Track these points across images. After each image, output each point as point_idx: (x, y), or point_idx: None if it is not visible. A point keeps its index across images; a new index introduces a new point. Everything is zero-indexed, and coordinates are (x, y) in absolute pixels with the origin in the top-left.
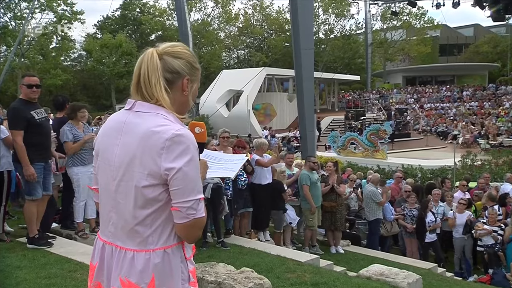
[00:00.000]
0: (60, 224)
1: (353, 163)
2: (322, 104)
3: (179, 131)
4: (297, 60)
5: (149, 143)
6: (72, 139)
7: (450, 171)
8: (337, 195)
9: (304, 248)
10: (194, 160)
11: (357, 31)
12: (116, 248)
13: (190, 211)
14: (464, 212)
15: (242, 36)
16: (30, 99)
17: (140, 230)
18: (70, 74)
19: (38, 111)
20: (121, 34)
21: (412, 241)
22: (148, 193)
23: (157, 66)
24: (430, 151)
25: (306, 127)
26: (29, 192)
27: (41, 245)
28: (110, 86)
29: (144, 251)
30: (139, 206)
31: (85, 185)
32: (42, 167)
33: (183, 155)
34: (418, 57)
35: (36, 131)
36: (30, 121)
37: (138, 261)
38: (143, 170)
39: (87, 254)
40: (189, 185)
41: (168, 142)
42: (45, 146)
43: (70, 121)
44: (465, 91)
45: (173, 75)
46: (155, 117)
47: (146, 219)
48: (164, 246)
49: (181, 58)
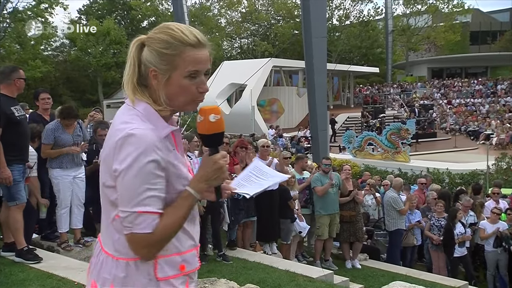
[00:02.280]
0: (40, 234)
1: (371, 166)
2: (335, 100)
3: (133, 131)
4: (307, 50)
5: (110, 141)
6: (51, 141)
7: (483, 176)
8: (356, 203)
9: (316, 262)
10: (135, 167)
11: (376, 16)
12: (100, 246)
13: (125, 223)
14: (497, 222)
15: (245, 22)
16: (12, 94)
17: (111, 231)
18: (51, 66)
19: (17, 108)
20: (109, 21)
21: (439, 255)
22: (110, 194)
23: (130, 56)
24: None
25: (318, 125)
26: (11, 197)
27: (29, 260)
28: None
29: (111, 256)
30: (109, 205)
31: (65, 191)
32: (22, 170)
33: (127, 157)
34: (445, 46)
35: (15, 129)
36: (10, 118)
37: (106, 266)
38: (107, 169)
39: (71, 268)
40: (124, 193)
41: (120, 141)
42: (24, 147)
43: (59, 120)
44: (500, 84)
45: (143, 66)
46: (126, 111)
47: (116, 220)
48: (127, 258)
49: (149, 45)
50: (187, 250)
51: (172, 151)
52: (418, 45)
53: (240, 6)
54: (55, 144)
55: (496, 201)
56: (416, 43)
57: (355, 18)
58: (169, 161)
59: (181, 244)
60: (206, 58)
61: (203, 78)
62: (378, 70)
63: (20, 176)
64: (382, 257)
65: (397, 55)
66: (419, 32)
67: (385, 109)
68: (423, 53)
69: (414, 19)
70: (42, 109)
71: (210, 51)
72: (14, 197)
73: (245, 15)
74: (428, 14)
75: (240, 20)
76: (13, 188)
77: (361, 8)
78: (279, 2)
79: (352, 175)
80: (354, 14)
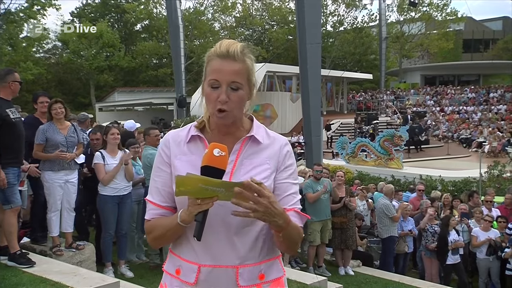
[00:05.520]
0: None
1: (364, 173)
2: (329, 106)
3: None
4: (302, 55)
5: None
6: (43, 141)
7: (475, 184)
8: (348, 210)
9: (309, 268)
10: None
11: (370, 23)
12: None
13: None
14: (489, 230)
15: (239, 27)
16: (7, 96)
17: None
18: (43, 68)
19: (13, 110)
20: (102, 23)
21: (432, 262)
22: None
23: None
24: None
25: (312, 131)
26: (6, 200)
27: (22, 264)
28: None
29: None
30: None
31: (55, 194)
32: (17, 173)
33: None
34: (439, 54)
35: (10, 132)
36: (5, 120)
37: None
38: None
39: (64, 273)
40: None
41: None
42: (19, 150)
43: (51, 121)
44: (492, 92)
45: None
46: None
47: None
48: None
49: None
50: (186, 259)
51: (187, 155)
52: (411, 52)
53: (234, 11)
54: (47, 144)
55: (489, 208)
56: (409, 50)
57: (349, 24)
58: (173, 161)
59: (183, 250)
60: (229, 70)
61: (225, 89)
62: (372, 76)
63: (15, 179)
64: (375, 263)
65: (391, 62)
66: (412, 40)
67: (378, 116)
68: (417, 60)
69: (407, 26)
70: (40, 113)
71: (244, 63)
72: (9, 200)
73: (239, 19)
74: (422, 21)
75: (234, 24)
76: (7, 191)
77: (355, 14)
78: (273, 7)
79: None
80: (348, 20)
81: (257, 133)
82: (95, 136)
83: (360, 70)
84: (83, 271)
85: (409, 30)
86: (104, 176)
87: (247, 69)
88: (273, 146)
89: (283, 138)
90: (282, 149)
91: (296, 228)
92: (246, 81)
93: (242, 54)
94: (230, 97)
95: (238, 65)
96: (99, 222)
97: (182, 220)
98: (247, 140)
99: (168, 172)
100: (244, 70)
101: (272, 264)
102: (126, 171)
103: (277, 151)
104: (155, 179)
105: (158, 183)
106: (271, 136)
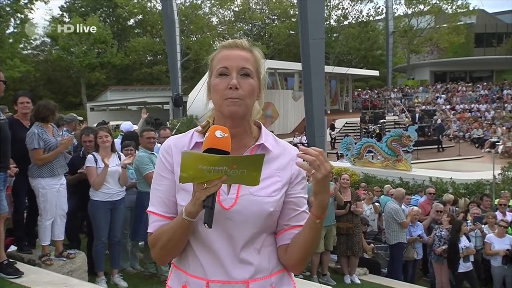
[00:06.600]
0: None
1: (371, 175)
2: (333, 105)
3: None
4: (304, 51)
5: None
6: (43, 145)
7: (488, 186)
8: (354, 215)
9: (313, 277)
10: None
11: (376, 17)
12: None
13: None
14: (504, 236)
15: (238, 22)
16: None
17: None
18: (31, 65)
19: None
20: (93, 18)
21: (441, 268)
22: None
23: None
24: (463, 161)
25: (315, 131)
26: None
27: (10, 274)
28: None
29: None
30: None
31: (52, 200)
32: (3, 178)
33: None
34: (449, 49)
35: None
36: None
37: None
38: None
39: (54, 284)
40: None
41: None
42: (5, 154)
43: (38, 123)
44: (506, 89)
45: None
46: None
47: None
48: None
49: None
50: (193, 275)
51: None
52: (420, 47)
53: (233, 5)
54: (44, 149)
55: (503, 213)
56: (418, 45)
57: (354, 18)
58: (176, 170)
59: (189, 265)
60: (237, 56)
61: (235, 75)
62: (378, 73)
63: (1, 184)
64: (382, 271)
65: (398, 57)
66: (421, 34)
67: (385, 115)
68: (426, 55)
69: (416, 19)
70: (20, 114)
71: (252, 53)
72: None
73: (238, 14)
74: (431, 14)
75: (232, 19)
76: None
77: (360, 8)
78: (274, 0)
79: (351, 184)
80: (353, 14)
81: (266, 140)
82: (87, 138)
83: (365, 67)
84: (74, 281)
85: (418, 24)
86: (95, 179)
87: (256, 59)
88: (284, 156)
89: (293, 148)
90: (295, 161)
91: (321, 230)
92: (255, 72)
93: (249, 44)
94: (241, 84)
95: (246, 53)
96: (91, 229)
97: (188, 213)
98: (256, 149)
99: (171, 180)
100: (253, 60)
101: (283, 276)
102: (121, 175)
103: (289, 162)
104: (157, 188)
105: (160, 192)
106: (280, 144)
